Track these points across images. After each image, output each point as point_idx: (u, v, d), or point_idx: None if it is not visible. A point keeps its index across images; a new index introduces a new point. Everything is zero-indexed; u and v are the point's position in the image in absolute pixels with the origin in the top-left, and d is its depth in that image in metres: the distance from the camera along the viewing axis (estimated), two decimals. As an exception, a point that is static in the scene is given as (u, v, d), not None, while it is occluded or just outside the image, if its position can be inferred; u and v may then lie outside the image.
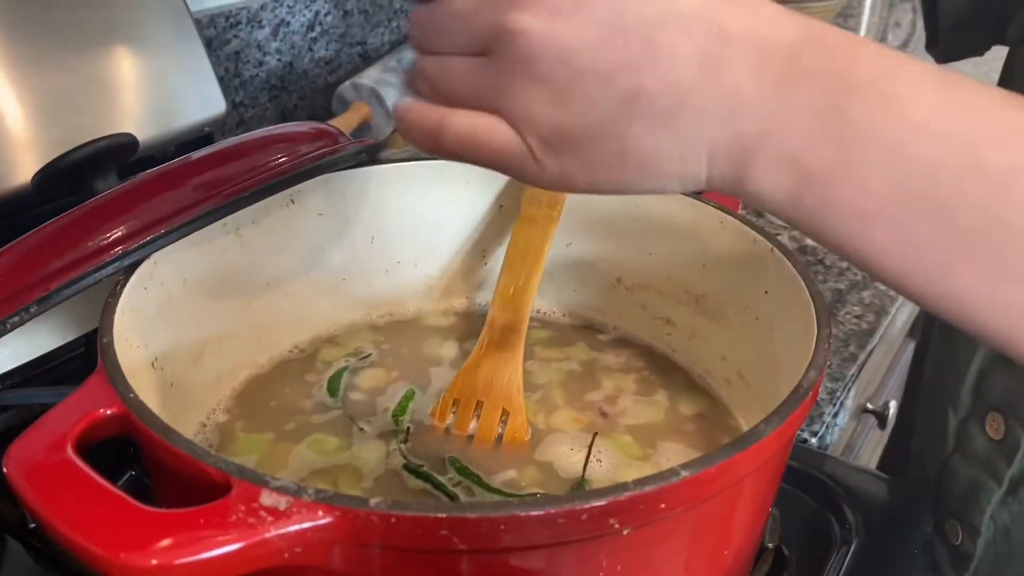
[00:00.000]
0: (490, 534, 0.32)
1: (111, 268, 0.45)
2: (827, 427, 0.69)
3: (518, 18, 0.30)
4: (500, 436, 0.53)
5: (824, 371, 0.42)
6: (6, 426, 0.55)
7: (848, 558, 0.53)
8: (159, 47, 0.79)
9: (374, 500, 0.32)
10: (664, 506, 0.34)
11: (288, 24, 1.05)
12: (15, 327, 0.43)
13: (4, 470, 0.34)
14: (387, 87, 1.07)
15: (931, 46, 0.65)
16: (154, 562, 0.30)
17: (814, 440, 0.67)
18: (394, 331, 0.63)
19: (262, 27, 1.02)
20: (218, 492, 0.33)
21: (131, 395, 0.38)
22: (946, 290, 0.30)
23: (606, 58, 0.30)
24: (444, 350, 0.61)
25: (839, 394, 0.72)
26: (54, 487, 0.33)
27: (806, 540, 0.55)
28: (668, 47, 0.30)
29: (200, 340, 0.54)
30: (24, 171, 0.67)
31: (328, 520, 0.32)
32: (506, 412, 0.53)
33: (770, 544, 0.52)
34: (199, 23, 0.88)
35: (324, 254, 0.61)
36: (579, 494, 0.33)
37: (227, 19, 0.97)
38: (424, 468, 0.50)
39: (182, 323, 0.52)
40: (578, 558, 0.35)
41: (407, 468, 0.50)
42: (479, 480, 0.49)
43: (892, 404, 0.89)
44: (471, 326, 0.63)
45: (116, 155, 0.58)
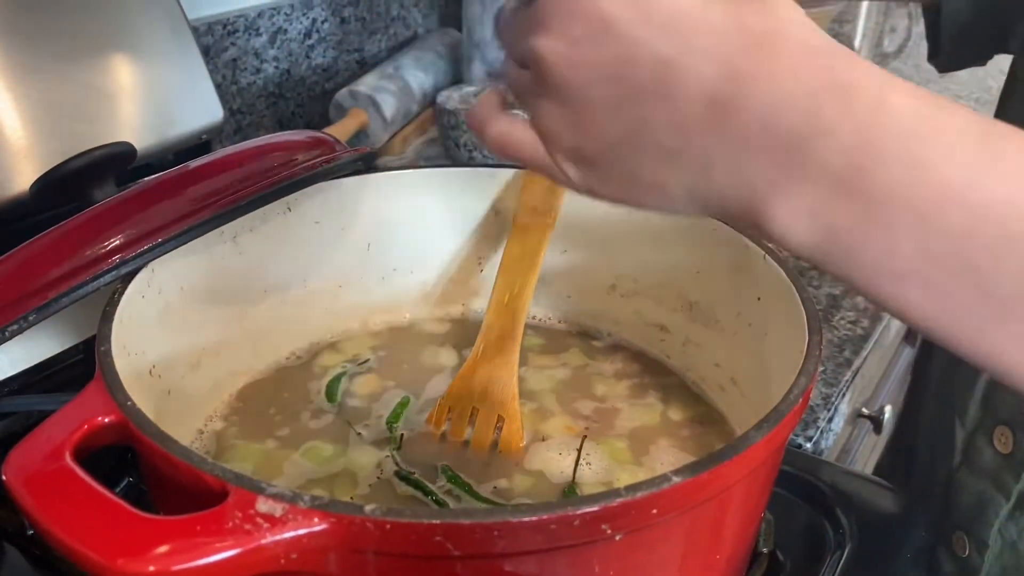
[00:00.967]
0: (484, 540, 0.33)
1: (109, 276, 0.45)
2: (822, 432, 0.69)
3: (542, 43, 0.32)
4: (495, 442, 0.53)
5: (815, 378, 0.42)
6: (4, 433, 0.55)
7: (842, 563, 0.54)
8: (157, 55, 0.80)
9: (369, 507, 0.32)
10: (656, 511, 0.34)
11: (285, 32, 1.06)
12: (14, 335, 0.44)
13: (3, 477, 0.34)
14: (384, 94, 1.08)
15: (933, 57, 0.65)
16: (152, 568, 0.30)
17: (809, 445, 0.67)
18: (390, 338, 0.64)
19: (259, 35, 1.02)
20: (215, 499, 0.33)
21: (129, 403, 0.38)
22: (985, 350, 0.29)
23: (616, 90, 0.31)
24: (440, 357, 0.61)
25: (834, 399, 0.72)
26: (53, 494, 0.33)
27: (800, 545, 0.55)
28: (676, 85, 0.29)
29: (197, 348, 0.55)
30: (22, 179, 0.68)
31: (323, 526, 0.32)
32: (501, 418, 0.53)
33: (764, 549, 0.52)
34: (196, 31, 0.89)
35: (321, 262, 0.61)
36: (572, 500, 0.33)
37: (224, 27, 0.97)
38: (415, 475, 0.50)
39: (180, 331, 0.53)
40: (571, 563, 0.36)
41: (398, 475, 0.50)
42: (469, 489, 0.49)
43: (888, 409, 0.89)
44: (467, 333, 0.63)
45: (114, 164, 0.59)
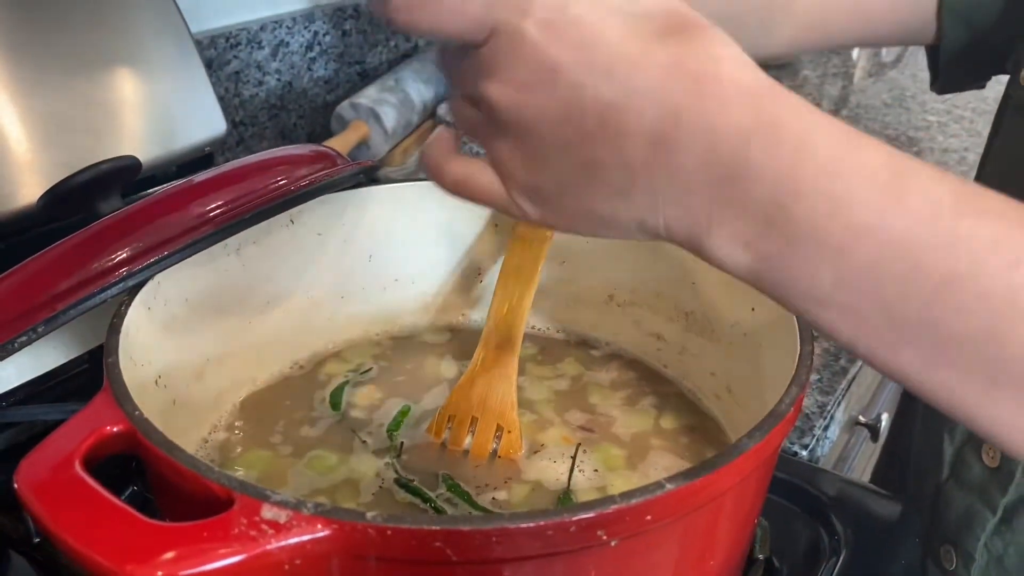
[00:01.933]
0: (482, 546, 0.34)
1: (115, 289, 0.46)
2: (817, 440, 0.70)
3: (491, 88, 0.32)
4: (494, 451, 0.54)
5: (807, 387, 0.43)
6: (11, 443, 0.56)
7: (837, 569, 0.54)
8: (160, 68, 0.81)
9: (371, 513, 0.33)
10: (650, 518, 0.35)
11: (287, 44, 1.07)
12: (22, 347, 0.44)
13: (15, 486, 0.35)
14: (385, 106, 1.08)
15: (933, 83, 0.66)
16: (160, 573, 0.31)
17: (804, 453, 0.68)
18: (392, 348, 0.64)
19: (262, 47, 1.03)
20: (221, 506, 0.34)
21: (136, 413, 0.39)
22: (896, 368, 0.31)
23: (565, 132, 0.32)
24: (440, 366, 0.62)
25: (829, 408, 0.73)
26: (63, 502, 0.34)
27: (796, 551, 0.56)
28: (620, 127, 0.31)
29: (202, 358, 0.55)
30: (29, 192, 0.69)
31: (326, 533, 0.33)
32: (500, 428, 0.54)
33: (760, 555, 0.53)
34: (200, 44, 0.90)
35: (323, 273, 0.62)
36: (568, 507, 0.34)
37: (227, 40, 0.99)
38: (414, 483, 0.51)
39: (185, 342, 0.54)
40: (567, 568, 0.36)
41: (398, 482, 0.51)
42: (468, 498, 0.50)
43: (884, 417, 0.90)
44: (467, 343, 0.64)
45: (119, 177, 0.60)
